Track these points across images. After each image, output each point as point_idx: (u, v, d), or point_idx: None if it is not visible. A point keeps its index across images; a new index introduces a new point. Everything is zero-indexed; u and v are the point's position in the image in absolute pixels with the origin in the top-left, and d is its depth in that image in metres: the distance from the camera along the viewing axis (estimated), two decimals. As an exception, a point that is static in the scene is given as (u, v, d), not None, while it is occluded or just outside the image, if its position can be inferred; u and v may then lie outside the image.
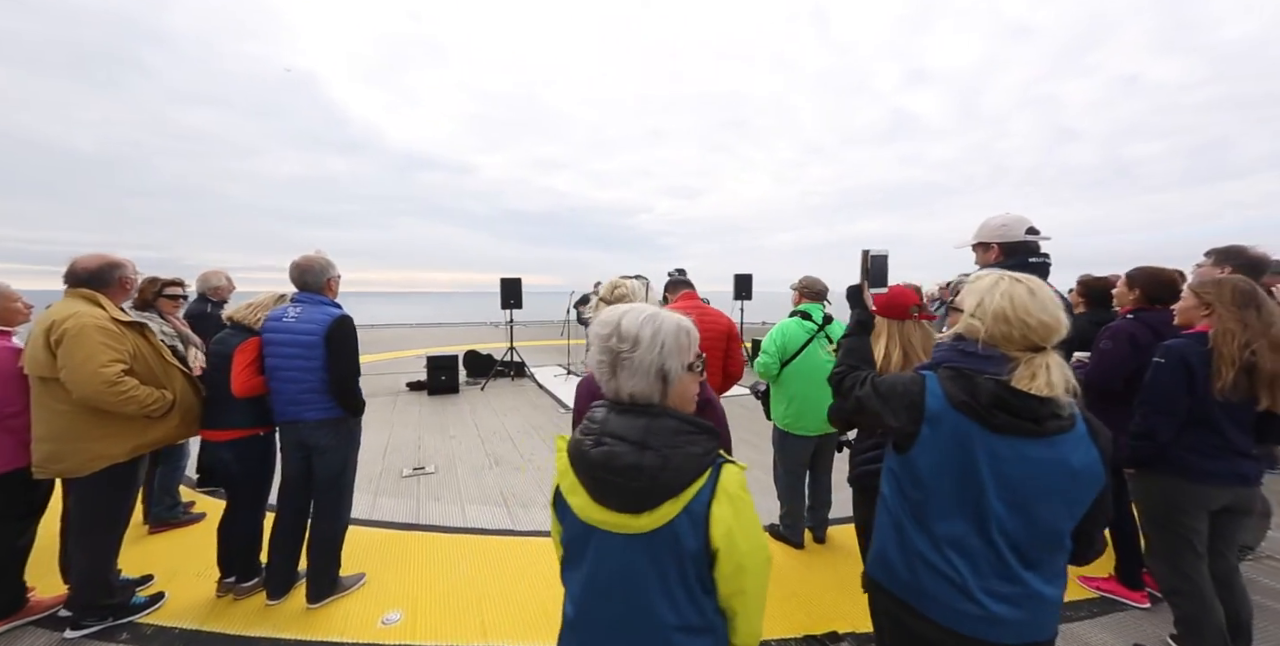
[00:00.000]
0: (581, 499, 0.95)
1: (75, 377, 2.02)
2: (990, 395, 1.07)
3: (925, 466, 1.14)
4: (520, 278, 8.03)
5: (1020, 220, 1.98)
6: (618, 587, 0.95)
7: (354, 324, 2.44)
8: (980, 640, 1.10)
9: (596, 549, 0.96)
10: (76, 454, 2.11)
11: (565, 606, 1.03)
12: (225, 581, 2.52)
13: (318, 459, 2.42)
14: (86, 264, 2.21)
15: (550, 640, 2.20)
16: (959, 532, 1.11)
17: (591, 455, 0.93)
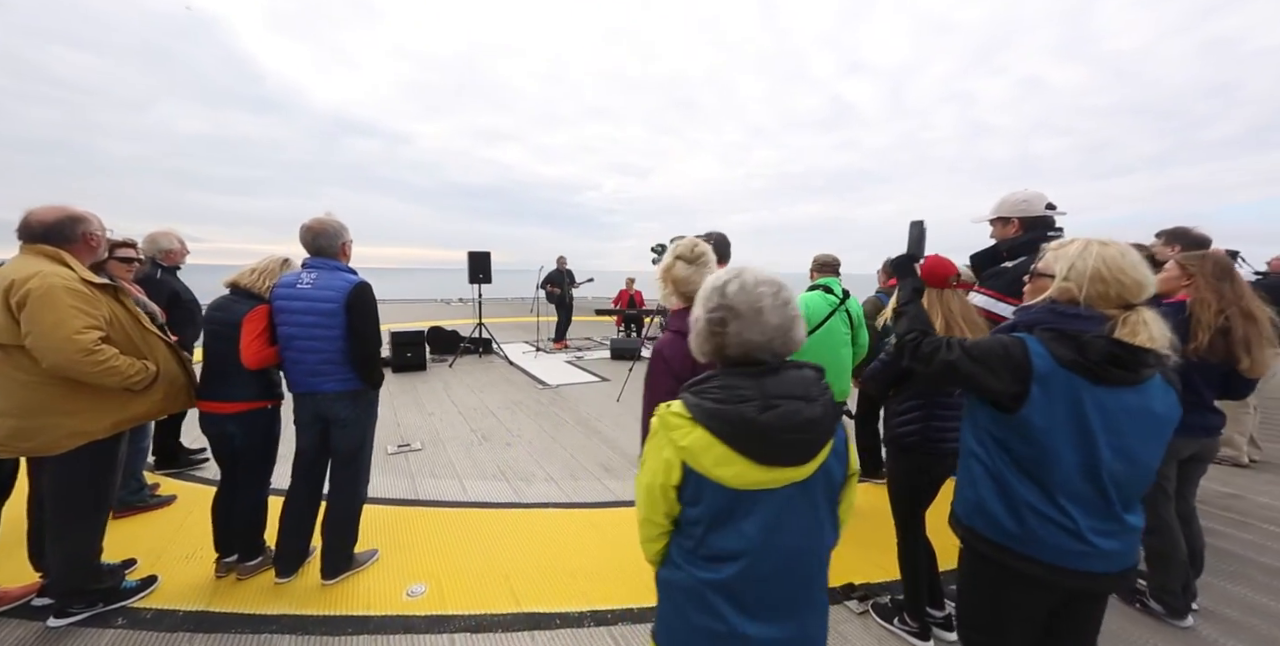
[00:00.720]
0: (738, 466, 0.93)
1: (45, 345, 1.77)
2: (1102, 352, 1.15)
3: (1038, 423, 1.20)
4: (489, 252, 7.77)
5: (1039, 196, 2.10)
6: (782, 537, 0.98)
7: (373, 291, 2.30)
8: (1086, 572, 1.21)
9: (753, 509, 0.96)
10: (48, 430, 1.87)
11: (701, 571, 0.99)
12: (225, 561, 2.37)
13: (337, 432, 2.29)
14: (43, 216, 1.91)
15: (583, 604, 2.24)
16: (1074, 482, 1.20)
17: (763, 419, 0.92)
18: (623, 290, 9.98)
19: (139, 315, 2.08)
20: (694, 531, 1.00)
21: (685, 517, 1.01)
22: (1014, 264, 2.00)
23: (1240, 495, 3.36)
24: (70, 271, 1.88)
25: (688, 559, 1.01)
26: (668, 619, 1.06)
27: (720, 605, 0.97)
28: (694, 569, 1.00)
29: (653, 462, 1.00)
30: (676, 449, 0.95)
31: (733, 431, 0.93)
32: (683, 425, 0.96)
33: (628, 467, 3.82)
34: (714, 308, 0.99)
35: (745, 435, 0.93)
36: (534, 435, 4.50)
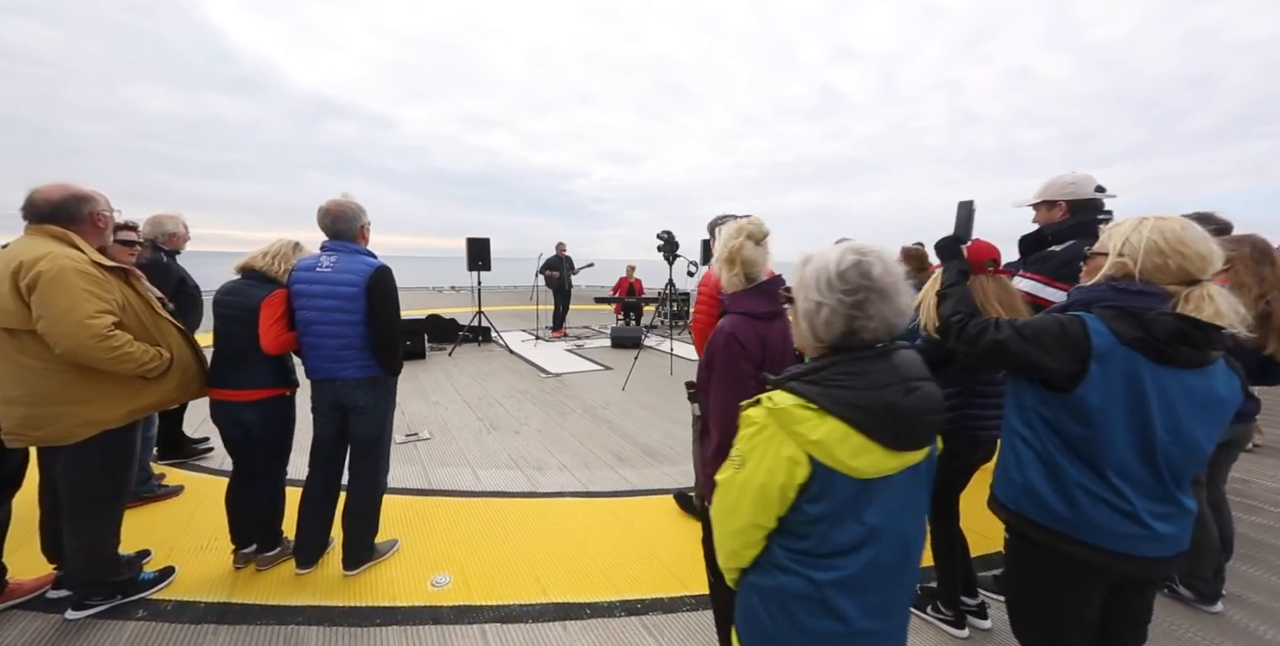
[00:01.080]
0: (873, 456, 0.88)
1: (57, 330, 1.69)
2: (1169, 329, 1.11)
3: (1095, 403, 1.17)
4: (489, 238, 7.66)
5: (1088, 179, 2.04)
6: (901, 523, 0.95)
7: (393, 275, 2.23)
8: (1141, 556, 1.20)
9: (874, 498, 0.92)
10: (61, 418, 1.80)
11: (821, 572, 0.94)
12: (243, 552, 2.32)
13: (356, 419, 2.24)
14: (48, 195, 1.82)
15: (612, 594, 2.22)
16: (1131, 464, 1.17)
17: (907, 403, 0.89)
18: (622, 278, 9.91)
19: (151, 300, 2.00)
20: (812, 529, 0.93)
21: (802, 516, 0.93)
22: (1062, 247, 1.96)
23: (1248, 480, 3.41)
24: (80, 253, 1.79)
25: (801, 561, 0.95)
26: (768, 627, 0.98)
27: (842, 604, 0.93)
28: (811, 570, 0.94)
29: (768, 462, 0.90)
30: (805, 443, 0.88)
31: (873, 419, 0.87)
32: (810, 417, 0.88)
33: (641, 456, 3.81)
34: (853, 289, 0.92)
35: (888, 422, 0.88)
36: (542, 424, 4.46)
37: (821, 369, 0.94)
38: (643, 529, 2.77)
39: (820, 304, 0.95)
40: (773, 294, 1.56)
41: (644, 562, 2.46)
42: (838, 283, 0.93)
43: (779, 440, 0.90)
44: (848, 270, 0.93)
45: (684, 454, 3.83)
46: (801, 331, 1.01)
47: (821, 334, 0.97)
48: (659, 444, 4.06)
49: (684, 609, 2.15)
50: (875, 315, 0.92)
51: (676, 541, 2.65)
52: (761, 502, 0.93)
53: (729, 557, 1.05)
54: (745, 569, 1.05)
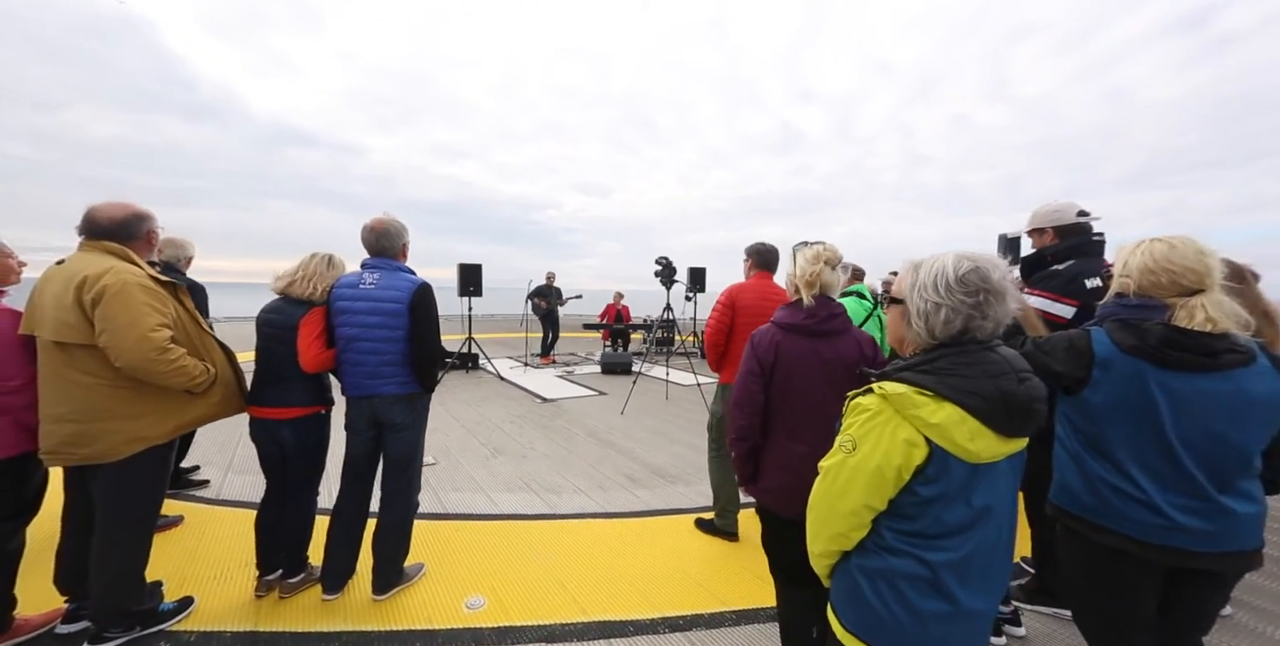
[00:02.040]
0: (986, 440, 0.95)
1: (120, 343, 1.69)
2: (1158, 337, 1.27)
3: (1098, 403, 1.34)
4: (480, 264, 7.68)
5: (1070, 205, 2.24)
6: (1002, 506, 1.02)
7: (434, 292, 2.27)
8: (1175, 548, 1.29)
9: (982, 485, 0.99)
10: (109, 435, 1.76)
11: (933, 552, 1.00)
12: (266, 579, 2.23)
13: (392, 437, 2.22)
14: (112, 213, 1.86)
15: (653, 612, 2.21)
16: (1146, 457, 1.30)
17: (1021, 391, 0.97)
18: (610, 304, 10.00)
19: (197, 316, 1.99)
20: (923, 511, 1.00)
21: (915, 498, 0.99)
22: (1064, 267, 2.14)
23: None
24: (139, 269, 1.81)
25: (912, 542, 1.01)
26: (879, 610, 1.03)
27: (951, 583, 0.99)
28: (923, 551, 1.00)
29: (884, 445, 0.97)
30: (924, 426, 0.95)
31: (989, 405, 0.94)
32: (927, 403, 0.95)
33: (653, 477, 3.81)
34: (974, 291, 1.00)
35: (1002, 408, 0.95)
36: (547, 448, 4.42)
37: (933, 360, 1.02)
38: (668, 548, 2.76)
39: (939, 304, 1.02)
40: (812, 312, 1.67)
41: (677, 580, 2.46)
42: (957, 286, 1.01)
43: (895, 424, 0.97)
44: (968, 274, 1.01)
45: (694, 475, 3.85)
46: (914, 328, 1.08)
47: (939, 331, 1.04)
48: (668, 465, 4.07)
49: (726, 623, 2.15)
50: (990, 315, 1.02)
51: (705, 559, 2.66)
52: (876, 484, 0.99)
53: (833, 541, 1.10)
54: (848, 553, 1.11)
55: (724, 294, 2.80)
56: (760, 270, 2.82)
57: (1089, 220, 2.25)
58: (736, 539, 2.84)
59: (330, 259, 2.33)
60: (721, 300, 2.78)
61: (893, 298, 1.16)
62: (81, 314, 1.69)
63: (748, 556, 2.68)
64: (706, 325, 2.80)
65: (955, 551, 0.99)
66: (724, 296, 2.79)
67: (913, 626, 1.00)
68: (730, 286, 2.84)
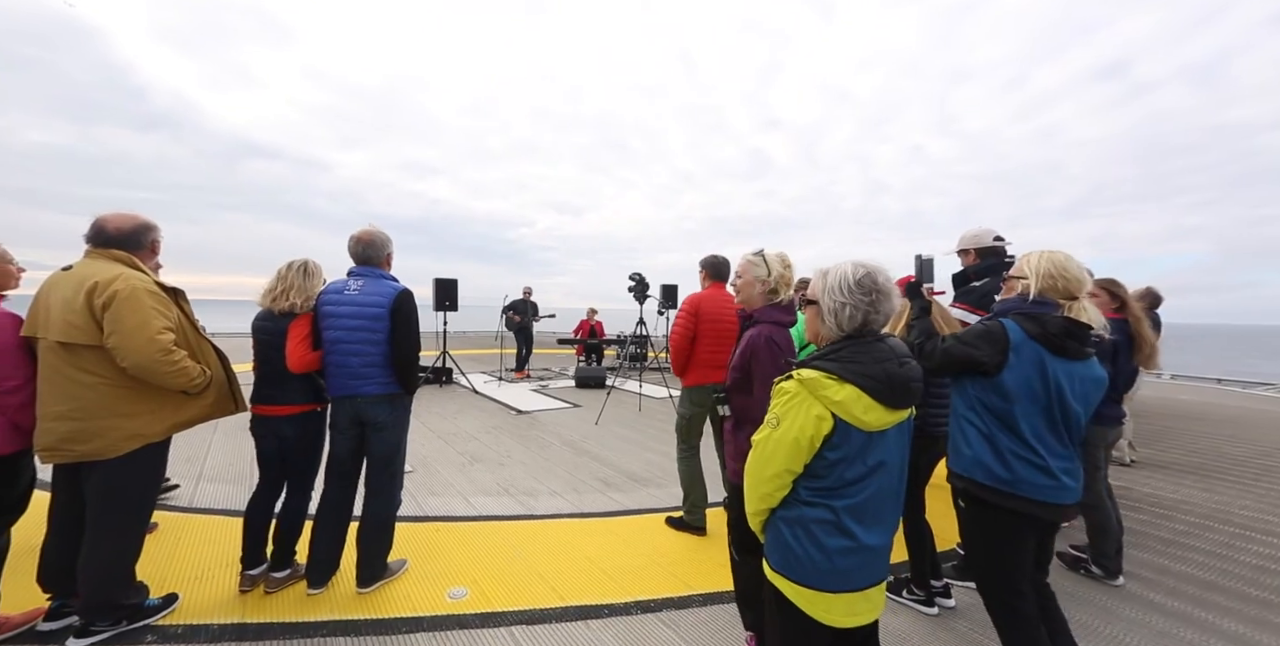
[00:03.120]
0: (877, 412, 1.19)
1: (128, 345, 1.80)
2: (1060, 327, 1.58)
3: (1011, 383, 1.60)
4: (456, 279, 7.78)
5: (988, 231, 2.65)
6: (892, 463, 1.26)
7: (415, 298, 2.42)
8: (1055, 504, 1.59)
9: (875, 448, 1.22)
10: (108, 432, 1.85)
11: (838, 500, 1.22)
12: (249, 573, 2.29)
13: (374, 435, 2.34)
14: (120, 224, 1.99)
15: (626, 597, 2.36)
16: (1041, 430, 1.59)
17: (902, 372, 1.23)
18: (583, 320, 10.16)
19: (195, 321, 2.11)
20: (830, 471, 1.22)
21: (823, 461, 1.22)
22: (980, 283, 2.47)
23: (1129, 487, 4.01)
24: (145, 275, 1.93)
25: (822, 494, 1.24)
26: (796, 550, 1.26)
27: (851, 524, 1.23)
28: (831, 500, 1.23)
29: (801, 420, 1.20)
30: (830, 404, 1.18)
31: (877, 385, 1.19)
32: (832, 384, 1.19)
33: (627, 481, 3.96)
34: (867, 291, 1.25)
35: (889, 386, 1.20)
36: (524, 456, 4.53)
37: (837, 350, 1.28)
38: (641, 542, 2.92)
39: (844, 303, 1.28)
40: (791, 308, 1.97)
41: (648, 569, 2.61)
42: (856, 288, 1.27)
43: (809, 403, 1.21)
44: (863, 278, 1.27)
45: (666, 479, 4.02)
46: (826, 324, 1.33)
47: (845, 326, 1.29)
48: (642, 470, 4.23)
49: (694, 605, 2.32)
50: (881, 310, 1.28)
51: (674, 551, 2.83)
52: (794, 452, 1.23)
53: (762, 500, 1.33)
54: (774, 509, 1.34)
55: (686, 303, 3.03)
56: (714, 281, 3.06)
57: (1003, 244, 2.62)
58: (704, 533, 3.02)
59: (305, 267, 2.39)
60: (685, 309, 2.99)
61: (808, 299, 1.41)
62: (90, 316, 1.80)
63: (714, 548, 2.85)
64: (672, 332, 3.00)
65: (854, 498, 1.23)
66: (687, 305, 3.01)
67: (821, 560, 1.23)
68: (691, 296, 3.07)
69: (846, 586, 1.24)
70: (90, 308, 1.78)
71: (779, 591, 1.29)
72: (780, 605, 1.29)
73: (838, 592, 1.23)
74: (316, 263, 2.43)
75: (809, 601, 1.24)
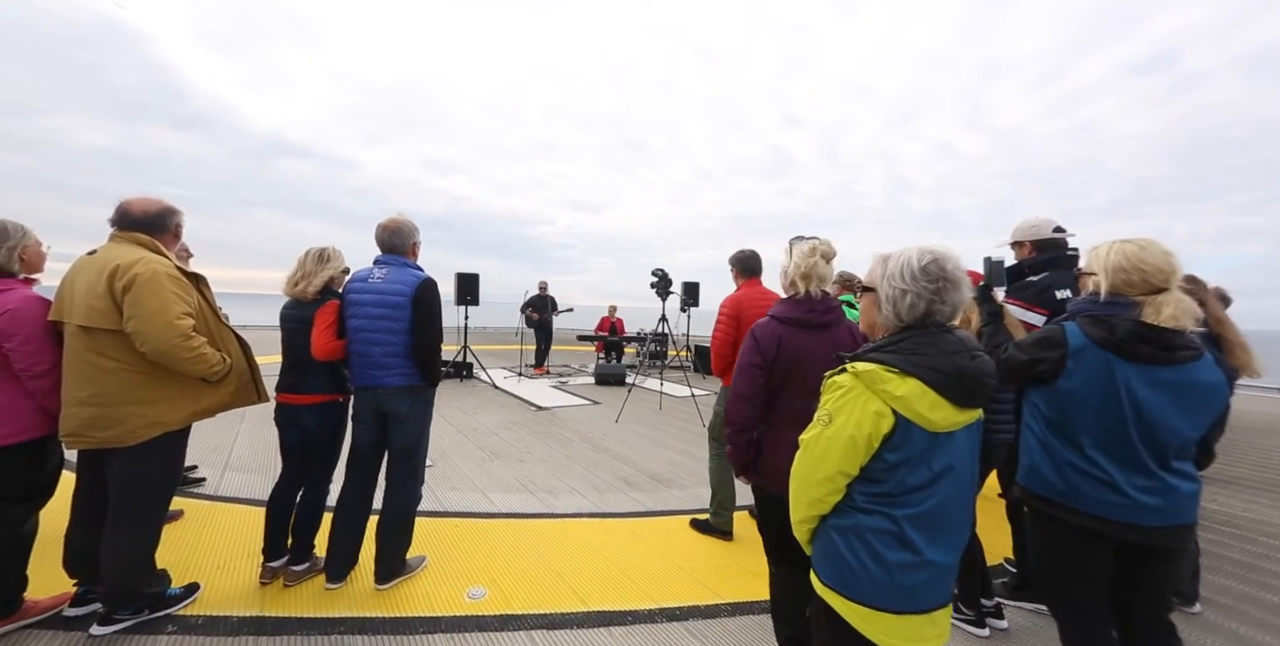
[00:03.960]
0: (944, 410, 1.07)
1: (148, 328, 1.77)
2: (1127, 331, 1.40)
3: (1068, 390, 1.45)
4: (478, 273, 7.78)
5: (1048, 221, 2.39)
6: (961, 469, 1.13)
7: (438, 288, 2.36)
8: (1130, 523, 1.41)
9: (941, 451, 1.10)
10: (127, 419, 1.83)
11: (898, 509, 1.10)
12: (270, 565, 2.27)
13: (395, 428, 2.29)
14: (145, 207, 1.97)
15: (650, 603, 2.27)
16: (1104, 442, 1.42)
17: (973, 366, 1.09)
18: (604, 317, 10.10)
19: (216, 307, 2.08)
20: (890, 475, 1.11)
21: (882, 464, 1.10)
22: (1038, 278, 2.28)
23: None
24: (167, 260, 1.90)
25: (880, 501, 1.12)
26: (851, 562, 1.13)
27: (915, 537, 1.09)
28: (890, 508, 1.11)
29: (856, 416, 1.08)
30: (890, 399, 1.06)
31: (945, 379, 1.06)
32: (893, 378, 1.07)
33: (649, 481, 3.87)
34: (934, 279, 1.13)
35: (956, 382, 1.07)
36: (544, 453, 4.47)
37: (899, 342, 1.15)
38: (665, 546, 2.82)
39: (905, 291, 1.15)
40: (808, 305, 1.78)
41: (673, 575, 2.52)
42: (920, 275, 1.14)
43: (865, 397, 1.09)
44: (929, 265, 1.15)
45: (689, 479, 3.92)
46: (883, 313, 1.20)
47: (904, 315, 1.17)
48: (664, 470, 4.14)
49: (722, 614, 2.22)
50: (948, 300, 1.15)
51: (699, 556, 2.73)
52: (850, 452, 1.11)
53: (812, 506, 1.21)
54: (825, 516, 1.22)
55: (727, 305, 2.83)
56: (747, 278, 2.92)
57: (1063, 236, 2.40)
58: (731, 538, 2.91)
59: (322, 254, 2.34)
60: (726, 312, 2.80)
61: (865, 286, 1.29)
62: (111, 300, 1.77)
63: (742, 554, 2.75)
64: (713, 337, 2.81)
65: (917, 507, 1.11)
66: (728, 308, 2.81)
67: (881, 575, 1.10)
68: (730, 297, 2.87)
69: (910, 606, 1.11)
70: (111, 291, 1.76)
71: (830, 608, 1.17)
72: (831, 623, 1.17)
73: (900, 614, 1.11)
74: (336, 249, 2.38)
75: (865, 621, 1.12)
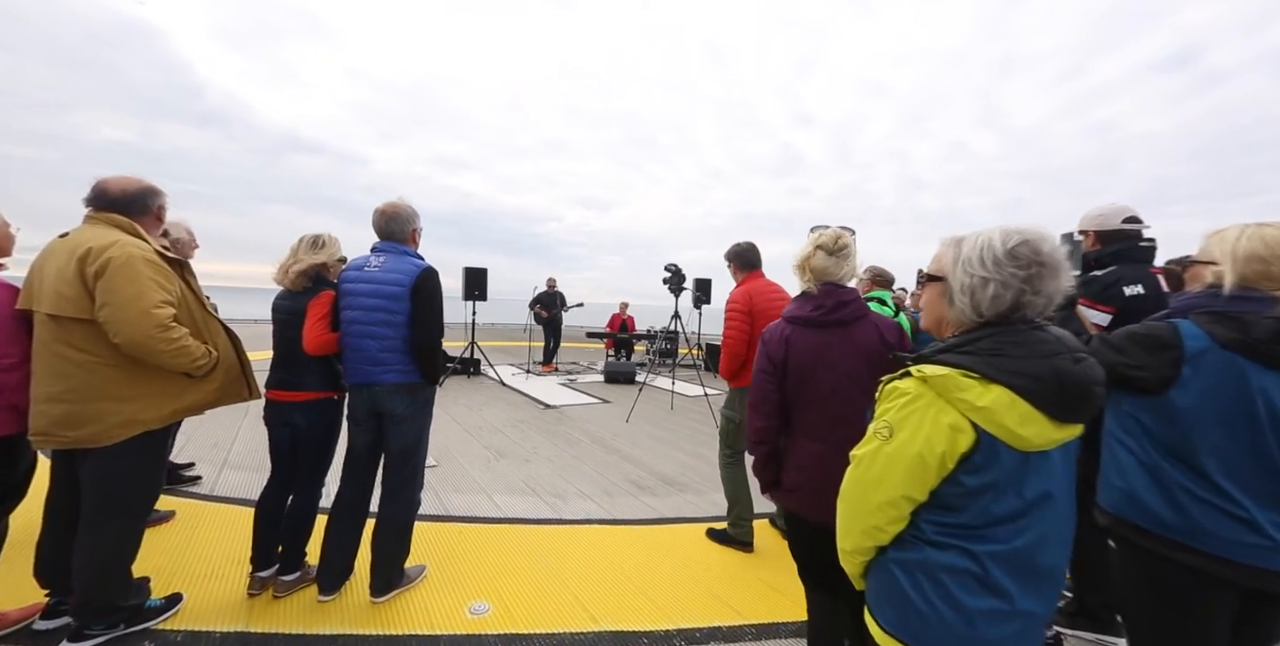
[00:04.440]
0: (1039, 425, 0.87)
1: (122, 317, 1.61)
2: (1270, 331, 1.12)
3: (1187, 404, 1.17)
4: (486, 268, 7.62)
5: (1119, 210, 2.11)
6: (1058, 497, 0.92)
7: (439, 278, 2.18)
8: (1259, 568, 1.13)
9: (1035, 474, 0.90)
10: (101, 417, 1.67)
11: (980, 544, 0.91)
12: (258, 575, 2.11)
13: (392, 429, 2.12)
14: (124, 186, 1.80)
15: (665, 623, 2.09)
16: (1237, 467, 1.14)
17: (1077, 371, 0.88)
18: (615, 314, 9.92)
19: (202, 297, 1.92)
20: (969, 503, 0.91)
21: (959, 489, 0.90)
22: (1104, 272, 2.05)
23: None
24: (146, 243, 1.74)
25: (957, 534, 0.92)
26: (920, 606, 0.93)
27: (1003, 579, 0.89)
28: (970, 542, 0.91)
29: (927, 430, 0.89)
30: (970, 410, 0.87)
31: (1041, 387, 0.86)
32: (973, 385, 0.87)
33: (661, 485, 3.69)
34: (1024, 264, 0.92)
35: (1056, 390, 0.86)
36: (551, 453, 4.31)
37: (975, 341, 0.93)
38: (681, 557, 2.64)
39: (987, 279, 0.94)
40: (817, 303, 1.57)
41: (690, 591, 2.34)
42: (1007, 260, 0.93)
43: (937, 408, 0.89)
44: (1018, 247, 0.93)
45: (704, 483, 3.73)
46: (955, 306, 0.99)
47: (985, 309, 0.95)
48: (676, 473, 3.95)
49: (746, 638, 2.03)
50: (1043, 290, 0.93)
51: (718, 569, 2.54)
52: (917, 473, 0.91)
53: (866, 535, 1.00)
54: (883, 548, 1.01)
55: (738, 300, 2.63)
56: (746, 272, 2.72)
57: (1136, 228, 2.13)
58: (751, 549, 2.72)
59: (317, 239, 2.20)
60: (737, 306, 2.61)
61: (931, 275, 1.06)
62: (82, 286, 1.61)
63: (763, 568, 2.56)
64: (726, 335, 2.62)
65: (1005, 542, 0.90)
66: (739, 302, 2.62)
67: (959, 625, 0.90)
68: (738, 290, 2.69)
69: None
70: (82, 276, 1.60)
71: None
72: None
73: None
74: (333, 236, 2.22)
75: None
